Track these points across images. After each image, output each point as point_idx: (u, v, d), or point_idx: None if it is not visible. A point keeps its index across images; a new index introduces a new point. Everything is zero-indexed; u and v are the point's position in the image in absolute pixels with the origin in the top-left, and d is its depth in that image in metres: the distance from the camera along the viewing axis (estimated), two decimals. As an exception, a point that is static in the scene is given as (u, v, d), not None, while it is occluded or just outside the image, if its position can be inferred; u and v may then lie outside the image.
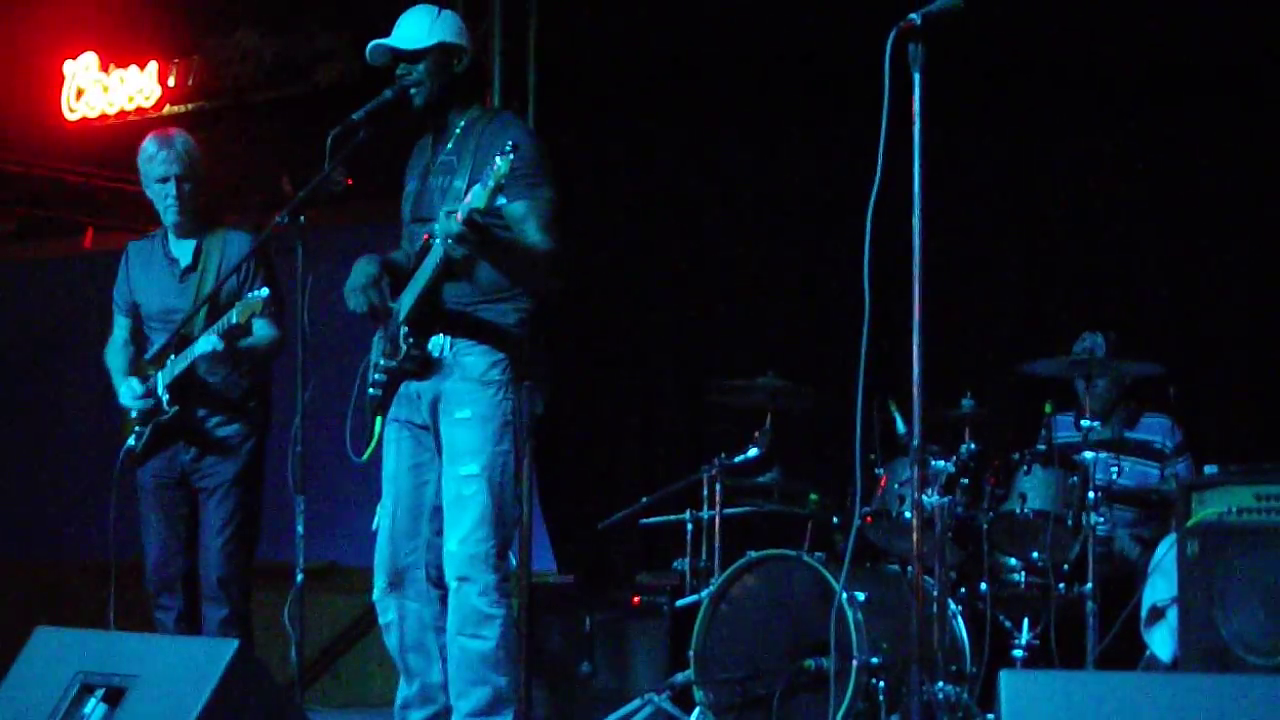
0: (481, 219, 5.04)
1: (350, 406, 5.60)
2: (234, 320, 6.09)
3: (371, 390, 5.55)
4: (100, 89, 10.82)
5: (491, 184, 4.96)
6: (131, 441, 6.46)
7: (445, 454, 5.44)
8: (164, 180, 6.44)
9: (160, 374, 6.39)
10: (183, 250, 6.53)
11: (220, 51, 10.39)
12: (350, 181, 6.26)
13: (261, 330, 6.36)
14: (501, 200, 5.21)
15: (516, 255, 5.32)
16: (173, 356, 6.35)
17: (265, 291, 6.06)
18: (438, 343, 5.42)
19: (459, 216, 5.01)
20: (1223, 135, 7.60)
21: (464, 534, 5.35)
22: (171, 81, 10.56)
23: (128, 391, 6.47)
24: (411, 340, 5.37)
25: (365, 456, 5.54)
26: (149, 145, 6.49)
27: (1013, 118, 7.98)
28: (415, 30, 5.48)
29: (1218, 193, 7.66)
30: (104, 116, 10.80)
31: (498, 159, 4.97)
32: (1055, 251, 8.03)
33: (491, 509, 5.36)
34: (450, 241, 5.07)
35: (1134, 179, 7.81)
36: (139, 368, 6.52)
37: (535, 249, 5.32)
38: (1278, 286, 7.46)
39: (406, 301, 5.40)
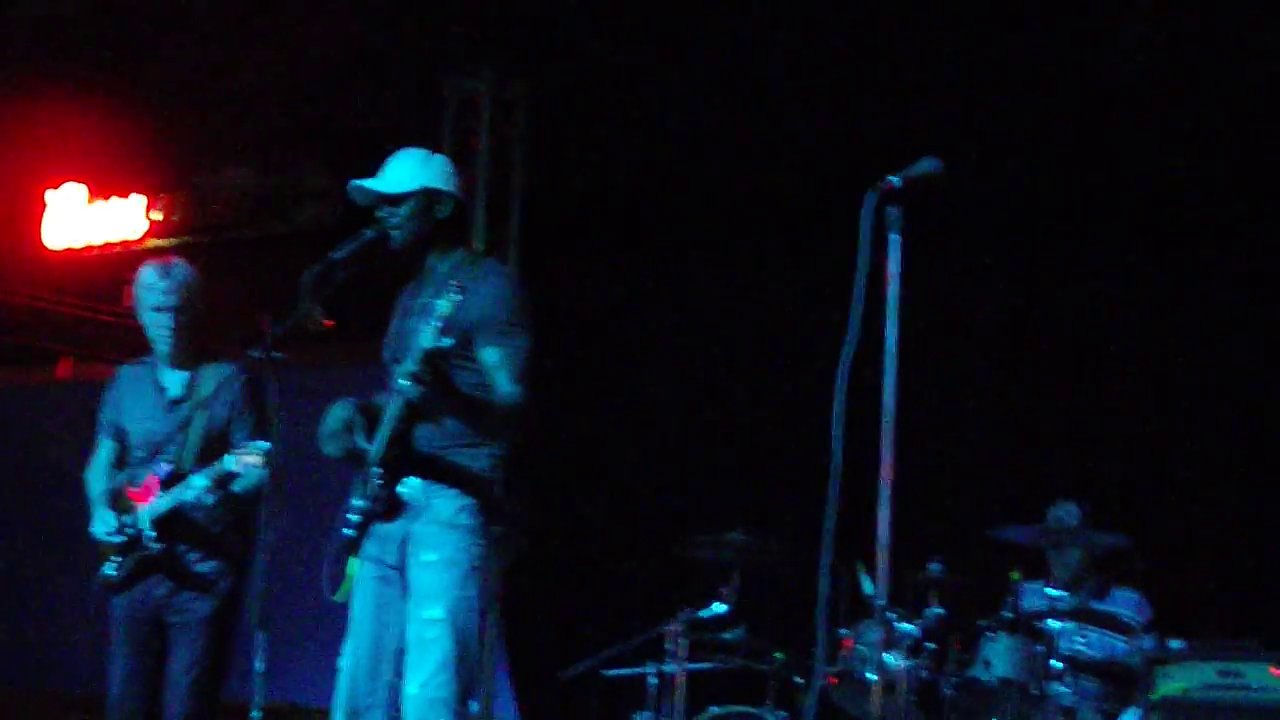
0: (435, 358, 5.06)
1: (331, 545, 5.56)
2: (229, 468, 6.00)
3: (345, 530, 5.52)
4: (84, 219, 10.87)
5: (435, 323, 4.99)
6: (109, 570, 6.28)
7: (410, 596, 5.39)
8: (159, 310, 6.31)
9: (145, 509, 6.23)
10: (172, 380, 6.39)
11: (207, 187, 10.46)
12: (331, 324, 6.19)
13: (254, 472, 6.15)
14: (481, 348, 5.24)
15: (480, 404, 5.30)
16: (160, 492, 6.21)
17: (268, 445, 5.88)
18: (412, 484, 5.39)
19: (413, 357, 5.05)
20: (1196, 313, 7.68)
21: (425, 678, 5.28)
22: (157, 215, 10.63)
23: (100, 524, 6.29)
24: (381, 483, 5.37)
25: (339, 595, 5.50)
26: (148, 273, 6.34)
27: (990, 283, 8.06)
28: (400, 173, 5.49)
29: (1191, 366, 7.72)
30: (88, 247, 10.84)
31: (442, 299, 5.01)
32: (1026, 419, 8.07)
33: (454, 654, 5.30)
34: (405, 383, 5.08)
35: (1110, 351, 7.87)
36: (119, 499, 6.34)
37: (504, 400, 5.31)
38: (1248, 465, 7.50)
39: (377, 444, 5.39)
